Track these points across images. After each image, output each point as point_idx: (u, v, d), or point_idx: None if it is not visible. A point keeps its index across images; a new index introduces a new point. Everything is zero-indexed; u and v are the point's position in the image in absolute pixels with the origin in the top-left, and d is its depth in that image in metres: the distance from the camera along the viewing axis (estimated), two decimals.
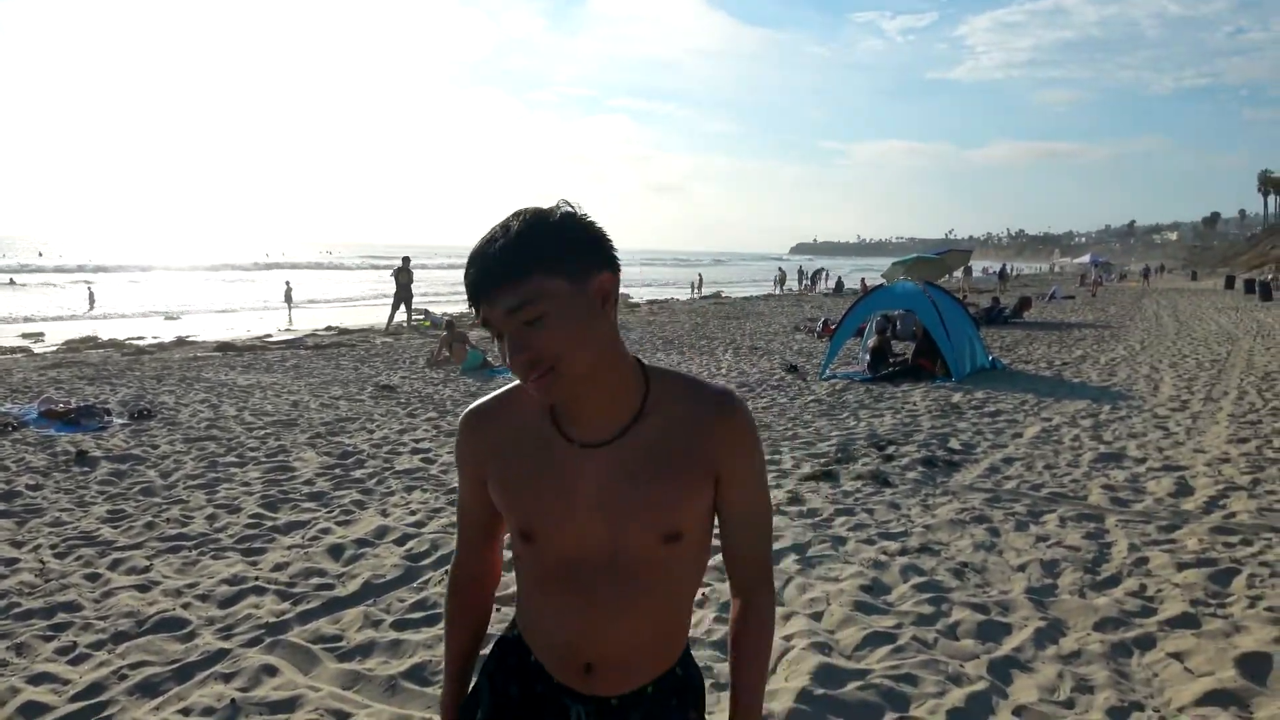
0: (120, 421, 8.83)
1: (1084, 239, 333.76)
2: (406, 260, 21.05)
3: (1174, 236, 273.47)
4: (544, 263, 1.20)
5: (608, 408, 1.32)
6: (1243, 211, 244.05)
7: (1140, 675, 3.55)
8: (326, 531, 5.36)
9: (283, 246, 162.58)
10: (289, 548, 5.07)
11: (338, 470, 6.90)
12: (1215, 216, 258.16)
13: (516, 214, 1.24)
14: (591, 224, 1.26)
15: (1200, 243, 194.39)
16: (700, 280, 41.03)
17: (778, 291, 42.62)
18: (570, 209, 1.26)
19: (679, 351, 15.86)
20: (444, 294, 32.06)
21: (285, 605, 4.23)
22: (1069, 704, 3.29)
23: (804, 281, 45.39)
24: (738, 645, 1.45)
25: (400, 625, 4.02)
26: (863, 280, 40.86)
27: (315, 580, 4.56)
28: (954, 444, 7.77)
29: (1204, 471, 6.73)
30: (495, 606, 1.72)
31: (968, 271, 42.08)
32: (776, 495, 6.10)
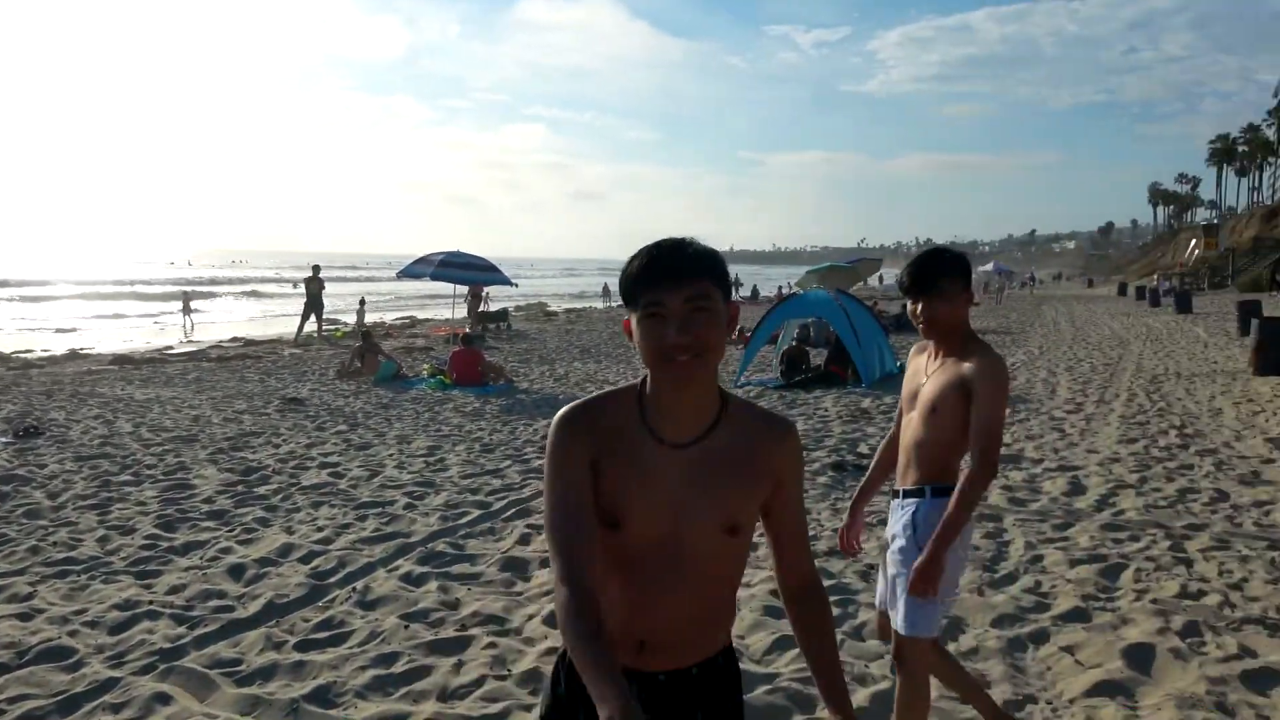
0: (4, 440, 8.37)
1: (988, 248, 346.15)
2: (317, 269, 20.55)
3: (1072, 245, 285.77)
4: (715, 275, 1.50)
5: (696, 414, 1.54)
6: (1135, 221, 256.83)
7: (1034, 669, 3.68)
8: (227, 551, 5.18)
9: (188, 255, 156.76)
10: (186, 569, 4.88)
11: (240, 487, 6.67)
12: (1110, 226, 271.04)
13: (688, 240, 1.51)
14: None
15: (1096, 251, 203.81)
16: (607, 289, 41.85)
17: None
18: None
19: (595, 360, 15.87)
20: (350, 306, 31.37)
21: (181, 629, 4.07)
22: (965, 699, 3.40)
23: None
24: (814, 629, 1.66)
25: (304, 646, 3.91)
26: (779, 288, 41.55)
27: (214, 602, 4.40)
28: (863, 449, 7.95)
29: (1096, 471, 7.04)
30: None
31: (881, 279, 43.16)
32: None
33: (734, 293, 1.61)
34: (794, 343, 14.55)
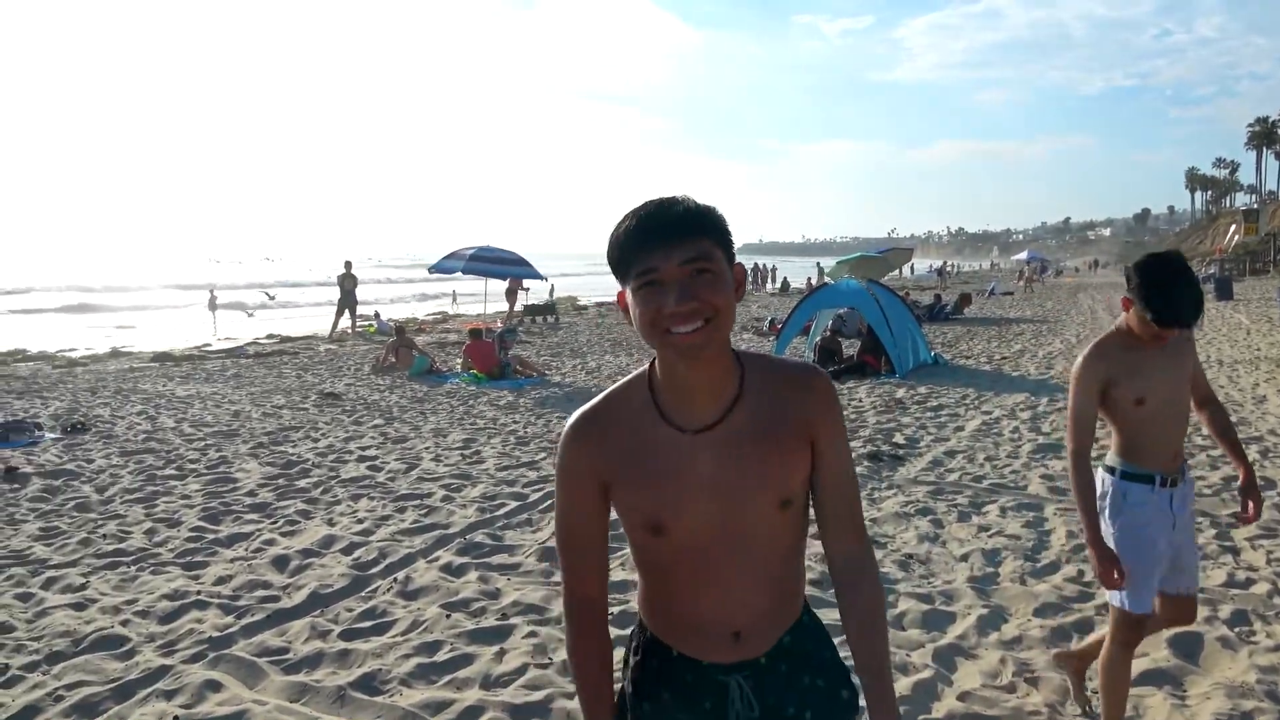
0: (53, 436, 8.56)
1: (1021, 236, 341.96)
2: (349, 265, 20.75)
3: (1107, 233, 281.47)
4: (716, 233, 1.34)
5: (713, 391, 1.41)
6: (1171, 208, 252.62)
7: None
8: (271, 543, 5.26)
9: (221, 253, 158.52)
10: (232, 560, 4.97)
11: (281, 480, 6.78)
12: (1146, 213, 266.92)
13: (681, 196, 1.35)
14: None
15: (1132, 238, 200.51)
16: None
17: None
18: None
19: (627, 353, 15.89)
20: (389, 299, 31.56)
21: (229, 619, 4.15)
22: (1010, 689, 3.38)
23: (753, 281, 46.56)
24: (865, 619, 1.48)
25: (348, 635, 3.97)
26: (809, 279, 41.33)
27: (260, 593, 4.48)
28: (899, 439, 7.91)
29: None
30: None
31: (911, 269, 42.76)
32: None
33: (768, 280, 1.48)
34: (827, 333, 14.49)
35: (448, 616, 4.12)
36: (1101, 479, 2.77)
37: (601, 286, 52.72)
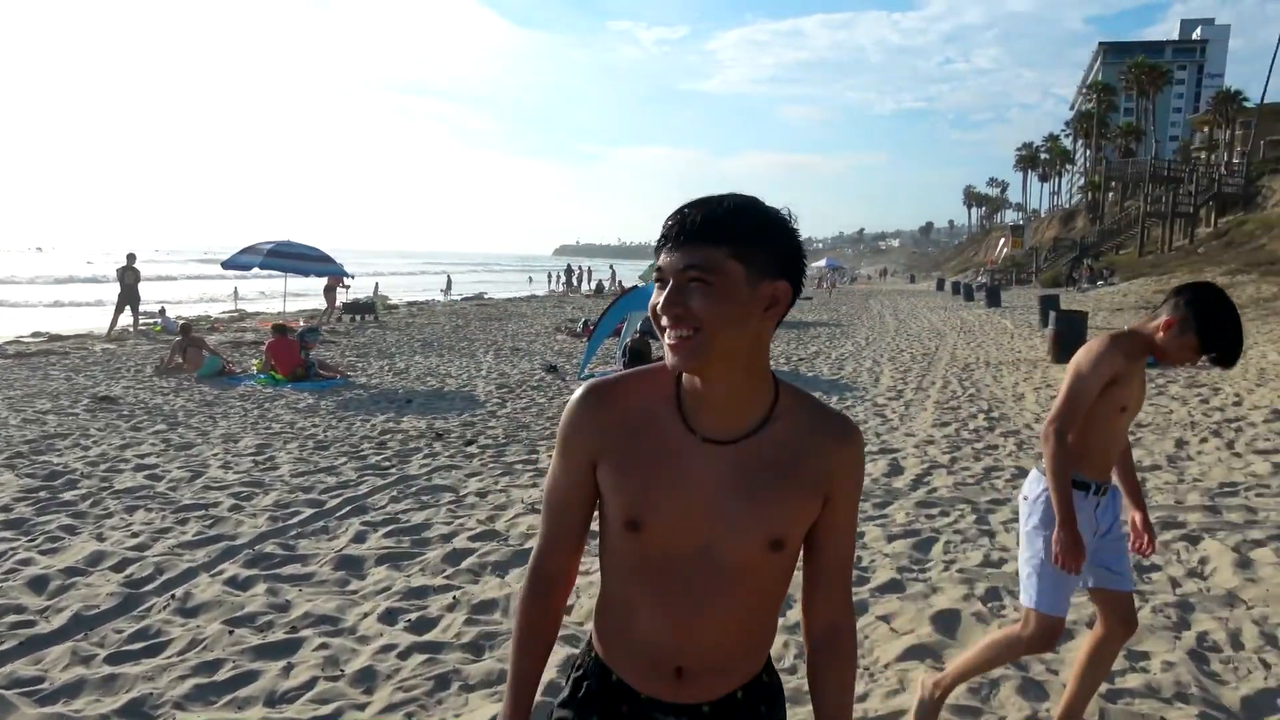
0: None
1: (821, 245, 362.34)
2: (132, 258, 19.12)
3: (896, 243, 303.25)
4: (737, 244, 1.23)
5: (738, 407, 1.32)
6: (952, 222, 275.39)
7: None
8: (27, 562, 4.78)
9: None
10: None
11: (43, 493, 6.16)
12: (929, 225, 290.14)
13: (743, 195, 1.27)
14: (796, 238, 1.29)
15: (917, 249, 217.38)
16: (449, 282, 41.94)
17: (559, 290, 44.37)
18: (787, 217, 1.29)
19: (438, 354, 15.55)
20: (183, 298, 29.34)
21: None
22: (791, 670, 3.58)
23: (560, 281, 47.57)
24: (836, 683, 1.44)
25: (116, 659, 3.67)
26: (619, 280, 42.11)
27: (11, 618, 4.05)
28: None
29: (913, 453, 7.54)
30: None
31: None
32: (532, 494, 6.16)
33: (584, 281, 1.36)
34: (637, 335, 14.77)
35: (230, 633, 3.89)
36: (1038, 480, 2.74)
37: (422, 285, 51.24)
